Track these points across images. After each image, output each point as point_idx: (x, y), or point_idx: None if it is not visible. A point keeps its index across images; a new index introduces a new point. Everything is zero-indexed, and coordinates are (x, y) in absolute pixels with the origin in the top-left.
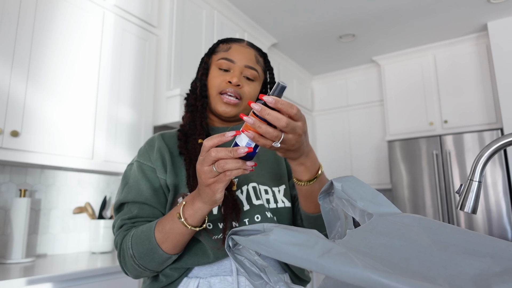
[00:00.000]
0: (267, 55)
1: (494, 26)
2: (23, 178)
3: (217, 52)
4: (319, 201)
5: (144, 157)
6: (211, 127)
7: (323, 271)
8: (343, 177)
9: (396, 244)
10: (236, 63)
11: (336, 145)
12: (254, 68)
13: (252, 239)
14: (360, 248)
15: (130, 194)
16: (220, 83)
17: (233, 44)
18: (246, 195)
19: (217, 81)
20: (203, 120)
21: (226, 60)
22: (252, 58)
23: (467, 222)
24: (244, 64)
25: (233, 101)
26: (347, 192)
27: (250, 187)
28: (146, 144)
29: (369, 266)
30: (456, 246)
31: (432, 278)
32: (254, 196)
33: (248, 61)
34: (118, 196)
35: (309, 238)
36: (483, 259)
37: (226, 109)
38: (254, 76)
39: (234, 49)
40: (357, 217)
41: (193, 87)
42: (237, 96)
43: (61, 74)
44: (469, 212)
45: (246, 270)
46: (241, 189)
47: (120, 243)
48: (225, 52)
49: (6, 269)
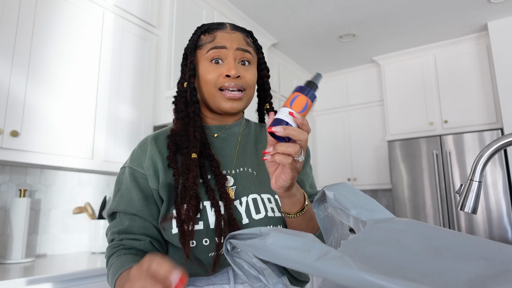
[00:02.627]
0: (252, 32)
1: (494, 26)
2: (23, 178)
3: (202, 45)
4: (314, 209)
5: (136, 163)
6: (206, 126)
7: (320, 274)
8: (334, 185)
9: (391, 252)
10: (228, 49)
11: (336, 145)
12: (247, 50)
13: (250, 243)
14: (355, 258)
15: (121, 204)
16: (218, 78)
17: (217, 32)
18: (245, 207)
19: (212, 76)
20: (196, 130)
21: (216, 49)
22: (241, 40)
23: (467, 222)
24: (235, 47)
25: (238, 95)
26: (339, 201)
27: (250, 198)
28: (139, 148)
29: (364, 268)
30: (450, 251)
31: (428, 284)
32: (254, 209)
33: (239, 44)
34: (111, 203)
35: (305, 242)
36: (477, 263)
37: (232, 105)
38: (249, 59)
39: (220, 36)
40: (351, 225)
41: (179, 89)
42: (240, 89)
43: (61, 74)
44: (469, 212)
45: (245, 273)
46: (240, 200)
47: (107, 260)
48: (211, 42)
49: (6, 269)
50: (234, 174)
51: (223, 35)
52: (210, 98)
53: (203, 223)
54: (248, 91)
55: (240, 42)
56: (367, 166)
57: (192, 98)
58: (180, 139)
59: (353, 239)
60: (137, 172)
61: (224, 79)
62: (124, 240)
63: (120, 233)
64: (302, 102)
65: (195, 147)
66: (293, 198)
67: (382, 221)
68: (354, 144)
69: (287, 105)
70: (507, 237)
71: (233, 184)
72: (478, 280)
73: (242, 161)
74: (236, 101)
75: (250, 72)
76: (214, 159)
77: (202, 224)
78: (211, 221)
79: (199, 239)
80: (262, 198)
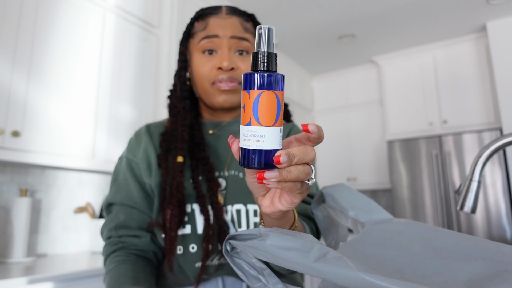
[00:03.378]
0: (254, 15)
1: (493, 27)
2: (24, 178)
3: (194, 34)
4: (313, 210)
5: (133, 153)
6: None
7: (319, 275)
8: (333, 186)
9: (389, 254)
10: (221, 37)
11: (335, 145)
12: (243, 37)
13: (249, 244)
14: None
15: (118, 195)
16: (210, 72)
17: (210, 18)
18: (230, 218)
19: (205, 69)
20: (185, 129)
21: (207, 39)
22: (237, 27)
23: (466, 222)
24: (230, 35)
25: (232, 85)
26: (337, 202)
27: (234, 209)
28: (135, 138)
29: (363, 269)
30: (449, 251)
31: (427, 285)
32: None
33: (235, 31)
34: (108, 194)
35: (305, 243)
36: (475, 263)
37: (226, 97)
38: (246, 47)
39: (213, 23)
40: (350, 226)
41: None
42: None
43: (62, 74)
44: (468, 212)
45: (245, 273)
46: (226, 209)
47: (104, 259)
48: (204, 31)
49: (7, 269)
50: (227, 176)
51: (216, 21)
52: (203, 94)
53: (191, 227)
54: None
55: (235, 29)
56: (367, 166)
57: (182, 94)
58: (169, 138)
59: (351, 241)
60: (134, 162)
61: (216, 72)
62: (123, 237)
63: (117, 228)
64: (271, 104)
65: (181, 149)
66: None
67: (380, 222)
68: (354, 144)
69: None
70: (506, 236)
71: (224, 188)
72: (476, 280)
73: (235, 163)
74: (230, 93)
75: (247, 62)
76: (208, 163)
77: (189, 228)
78: (199, 225)
79: (185, 244)
80: (247, 210)
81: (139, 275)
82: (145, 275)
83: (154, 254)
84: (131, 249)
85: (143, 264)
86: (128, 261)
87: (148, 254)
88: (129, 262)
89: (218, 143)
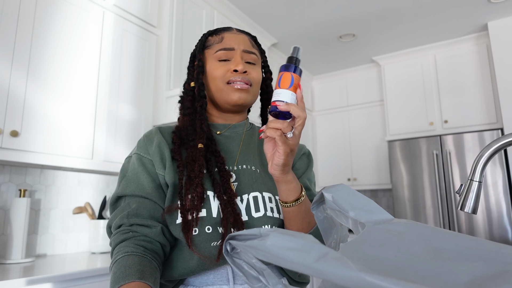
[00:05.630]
0: (256, 38)
1: (495, 26)
2: (23, 178)
3: (210, 46)
4: (313, 211)
5: (143, 150)
6: (211, 124)
7: (319, 275)
8: (333, 187)
9: (390, 255)
10: (236, 50)
11: (336, 145)
12: (253, 51)
13: (249, 244)
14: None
15: (129, 187)
16: (225, 73)
17: (225, 34)
18: (246, 205)
19: (220, 71)
20: (203, 122)
21: (224, 51)
22: (247, 43)
23: (467, 222)
24: (242, 49)
25: (246, 86)
26: (337, 203)
27: (251, 197)
28: (144, 137)
29: (364, 269)
30: (449, 252)
31: (427, 286)
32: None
33: (246, 46)
34: (115, 190)
35: (305, 243)
36: (476, 264)
37: (240, 95)
38: (254, 60)
39: (228, 38)
40: (350, 226)
41: (186, 88)
42: (247, 83)
43: (61, 74)
44: (469, 212)
45: (245, 274)
46: (241, 198)
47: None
48: (220, 43)
49: (6, 269)
50: (237, 170)
51: (230, 36)
52: (217, 93)
53: (206, 211)
54: (254, 87)
55: (246, 44)
56: (367, 166)
57: (200, 93)
58: (186, 133)
59: (351, 242)
60: (145, 158)
61: (231, 74)
62: (134, 226)
63: (129, 216)
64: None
65: (201, 138)
66: (289, 185)
67: (380, 223)
68: (354, 144)
69: (276, 85)
70: (507, 237)
71: (235, 181)
72: (477, 281)
73: (245, 159)
74: (244, 92)
75: (256, 70)
76: (220, 156)
77: (205, 212)
78: (213, 209)
79: (201, 226)
80: (263, 197)
81: (146, 269)
82: (151, 270)
83: (162, 247)
84: (140, 240)
85: (150, 258)
86: (136, 253)
87: (156, 246)
88: (137, 254)
89: (227, 141)
